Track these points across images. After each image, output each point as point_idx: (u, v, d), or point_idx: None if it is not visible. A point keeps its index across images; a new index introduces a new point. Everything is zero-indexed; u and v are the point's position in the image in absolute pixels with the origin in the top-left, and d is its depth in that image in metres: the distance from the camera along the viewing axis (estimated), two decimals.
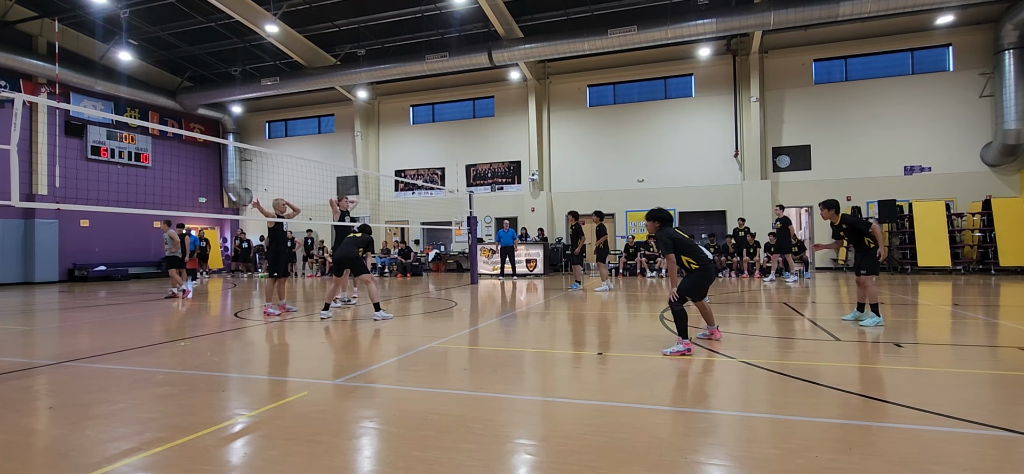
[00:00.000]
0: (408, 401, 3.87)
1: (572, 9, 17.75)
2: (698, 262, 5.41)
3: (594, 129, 20.94)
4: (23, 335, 7.20)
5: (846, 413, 3.41)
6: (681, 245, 5.44)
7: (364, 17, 18.45)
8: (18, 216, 17.95)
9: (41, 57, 18.08)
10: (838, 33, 18.16)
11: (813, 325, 6.97)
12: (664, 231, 5.51)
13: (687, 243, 5.47)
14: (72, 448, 3.00)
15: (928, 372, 4.50)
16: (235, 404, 3.84)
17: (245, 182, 25.43)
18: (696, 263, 5.42)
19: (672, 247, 5.38)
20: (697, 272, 5.40)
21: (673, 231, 5.49)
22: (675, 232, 5.48)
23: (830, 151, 18.47)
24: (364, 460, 2.86)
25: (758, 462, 2.67)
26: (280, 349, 6.06)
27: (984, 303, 8.99)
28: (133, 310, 9.78)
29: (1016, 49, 15.88)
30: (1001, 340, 5.80)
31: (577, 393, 4.09)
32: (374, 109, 23.82)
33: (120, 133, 20.94)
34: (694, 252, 5.44)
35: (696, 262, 5.42)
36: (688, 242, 5.48)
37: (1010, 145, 16.05)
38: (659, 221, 5.61)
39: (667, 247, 5.38)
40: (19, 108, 5.33)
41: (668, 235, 5.43)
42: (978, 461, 2.65)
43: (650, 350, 5.47)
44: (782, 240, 13.76)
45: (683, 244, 5.45)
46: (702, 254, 5.43)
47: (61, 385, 4.38)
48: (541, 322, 7.52)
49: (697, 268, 5.40)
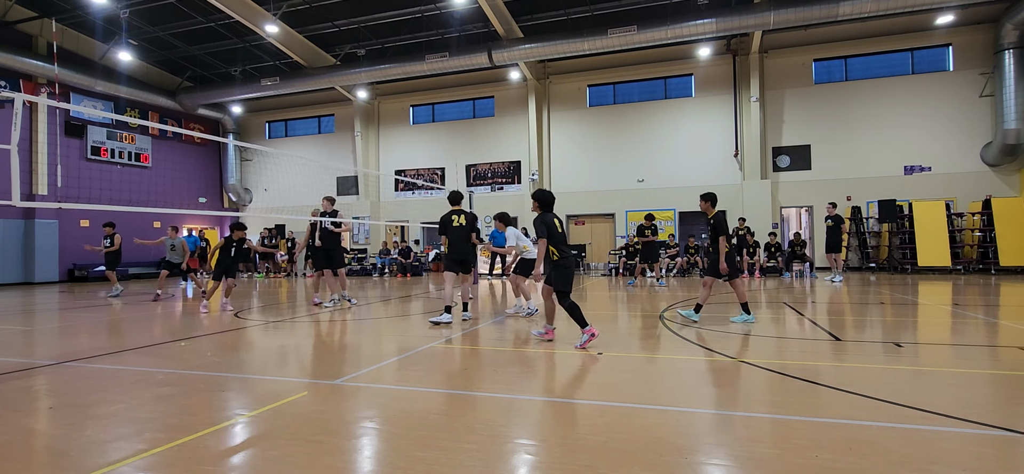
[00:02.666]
0: (408, 401, 3.87)
1: (572, 9, 17.75)
2: (561, 255, 5.67)
3: (594, 129, 20.94)
4: (23, 335, 7.20)
5: (847, 413, 3.41)
6: (553, 234, 5.66)
7: (364, 17, 18.45)
8: (18, 216, 17.95)
9: (41, 57, 18.07)
10: (838, 33, 18.16)
11: (813, 324, 6.96)
12: (544, 216, 5.72)
13: (558, 234, 5.72)
14: (72, 448, 3.00)
15: (928, 372, 4.50)
16: (235, 404, 3.83)
17: (245, 182, 25.44)
18: (559, 255, 5.66)
19: (546, 233, 5.60)
20: (558, 263, 5.66)
21: (550, 218, 5.70)
22: (551, 219, 5.69)
23: (830, 151, 18.47)
24: (364, 460, 2.86)
25: (759, 462, 2.67)
26: (280, 349, 6.05)
27: (984, 303, 8.99)
28: (133, 310, 9.78)
29: (1016, 49, 15.88)
30: (1001, 340, 5.80)
31: (577, 393, 4.09)
32: (374, 109, 23.82)
33: (120, 133, 20.94)
34: (561, 245, 5.70)
35: (559, 254, 5.66)
36: (559, 234, 5.74)
37: (1010, 145, 16.06)
38: (541, 205, 5.81)
39: (541, 232, 5.61)
40: (19, 108, 5.33)
41: (544, 221, 5.65)
42: (978, 461, 2.65)
43: (650, 350, 5.48)
44: (833, 238, 13.21)
45: (555, 233, 5.68)
46: (566, 249, 5.72)
47: (61, 385, 4.38)
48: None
49: (558, 259, 5.65)
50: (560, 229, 5.78)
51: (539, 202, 5.79)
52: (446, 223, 7.70)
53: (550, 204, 5.83)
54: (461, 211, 7.78)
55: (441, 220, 7.77)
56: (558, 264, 5.64)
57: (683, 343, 5.79)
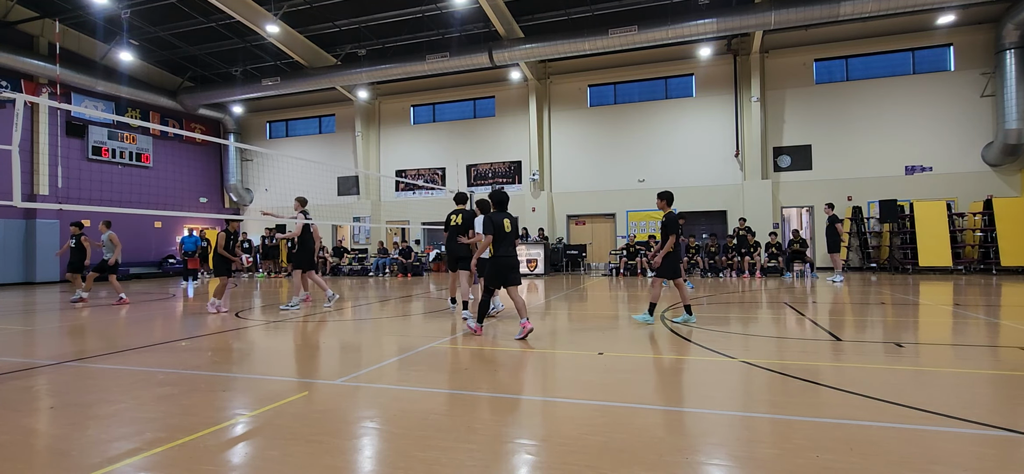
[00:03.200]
0: (408, 401, 3.87)
1: (573, 9, 17.74)
2: (497, 253, 6.15)
3: (595, 129, 20.94)
4: (24, 335, 7.21)
5: (847, 413, 3.41)
6: (500, 234, 6.14)
7: (365, 17, 18.45)
8: (19, 216, 17.98)
9: (42, 57, 18.10)
10: (839, 33, 18.15)
11: (814, 324, 6.96)
12: (493, 214, 6.23)
13: (505, 235, 6.19)
14: (73, 448, 3.00)
15: (929, 372, 4.50)
16: (236, 404, 3.84)
17: (246, 182, 25.46)
18: (494, 252, 6.17)
19: (491, 230, 6.10)
20: (493, 259, 6.17)
21: (500, 218, 6.17)
22: (500, 219, 6.15)
23: (831, 151, 18.46)
24: (365, 460, 2.86)
25: (759, 462, 2.67)
26: (280, 349, 6.06)
27: (985, 303, 8.98)
28: (134, 310, 9.79)
29: (1017, 49, 15.86)
30: (1002, 340, 5.80)
31: (578, 393, 4.09)
32: (375, 109, 23.83)
33: (121, 133, 20.97)
34: (502, 244, 6.16)
35: (494, 251, 6.16)
36: (507, 234, 6.20)
37: (1011, 145, 16.04)
38: (495, 204, 6.30)
39: (487, 229, 6.10)
40: (20, 108, 5.33)
41: (491, 219, 6.15)
42: (979, 461, 2.65)
43: (651, 350, 5.47)
44: (831, 239, 13.15)
45: (502, 233, 6.15)
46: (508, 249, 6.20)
47: (62, 385, 4.38)
48: (541, 322, 7.51)
49: (494, 256, 6.15)
50: (508, 229, 6.16)
51: (494, 202, 6.29)
52: (446, 222, 7.99)
53: (503, 204, 6.29)
54: (460, 210, 7.96)
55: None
56: (493, 260, 6.17)
57: (683, 343, 5.79)
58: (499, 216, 6.15)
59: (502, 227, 6.11)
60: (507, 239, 6.14)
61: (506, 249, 6.12)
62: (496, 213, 6.20)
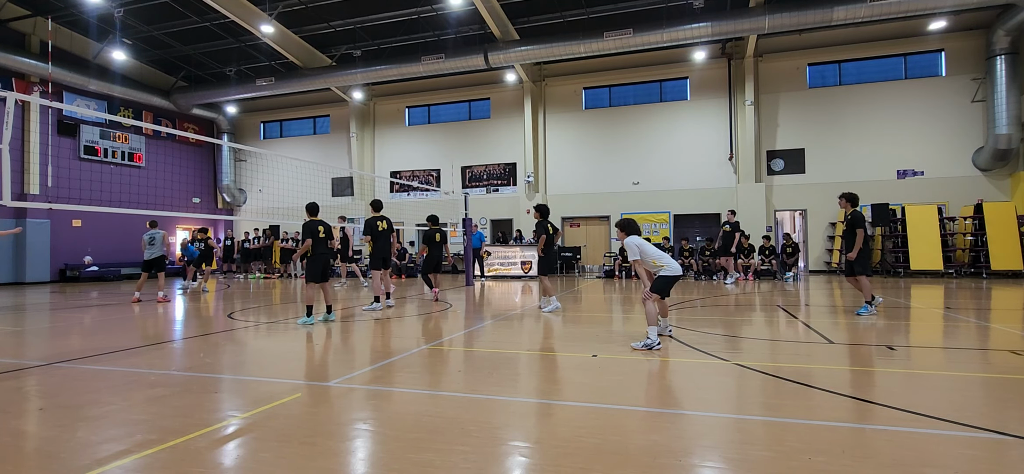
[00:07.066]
0: (402, 403, 3.85)
1: (568, 12, 17.78)
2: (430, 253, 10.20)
3: (589, 131, 20.98)
4: (13, 336, 7.13)
5: (839, 416, 3.42)
6: (432, 246, 10.17)
7: (360, 18, 18.42)
8: (9, 216, 17.80)
9: (34, 56, 17.94)
10: (832, 37, 18.28)
11: (806, 327, 7.00)
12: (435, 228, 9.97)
13: (435, 243, 10.29)
14: (63, 450, 2.97)
15: (920, 375, 4.53)
16: (228, 406, 3.81)
17: (239, 183, 25.34)
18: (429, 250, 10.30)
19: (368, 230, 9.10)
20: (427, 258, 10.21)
21: (436, 233, 9.53)
22: (434, 237, 9.56)
23: (824, 155, 18.58)
24: (358, 462, 2.85)
25: (752, 464, 2.67)
26: (274, 351, 6.03)
27: (976, 306, 9.05)
28: (125, 311, 9.72)
29: (1007, 54, 16.03)
30: (992, 343, 5.84)
31: (572, 395, 4.09)
32: (370, 110, 23.78)
33: (114, 133, 20.82)
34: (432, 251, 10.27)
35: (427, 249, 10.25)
36: (436, 243, 10.36)
37: (1001, 150, 16.20)
38: (431, 223, 10.17)
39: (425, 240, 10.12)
40: (11, 107, 5.29)
41: (431, 235, 10.04)
42: (970, 464, 2.66)
43: (645, 353, 5.48)
44: (726, 243, 14.18)
45: (434, 245, 10.22)
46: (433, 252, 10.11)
47: (52, 386, 4.34)
48: (536, 324, 7.51)
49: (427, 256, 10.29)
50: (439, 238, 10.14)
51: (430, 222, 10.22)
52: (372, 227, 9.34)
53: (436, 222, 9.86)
54: (384, 217, 9.48)
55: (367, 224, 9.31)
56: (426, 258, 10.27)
57: (677, 346, 5.80)
58: (434, 235, 9.40)
59: (432, 237, 9.11)
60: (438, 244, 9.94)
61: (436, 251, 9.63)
62: (437, 232, 9.45)
